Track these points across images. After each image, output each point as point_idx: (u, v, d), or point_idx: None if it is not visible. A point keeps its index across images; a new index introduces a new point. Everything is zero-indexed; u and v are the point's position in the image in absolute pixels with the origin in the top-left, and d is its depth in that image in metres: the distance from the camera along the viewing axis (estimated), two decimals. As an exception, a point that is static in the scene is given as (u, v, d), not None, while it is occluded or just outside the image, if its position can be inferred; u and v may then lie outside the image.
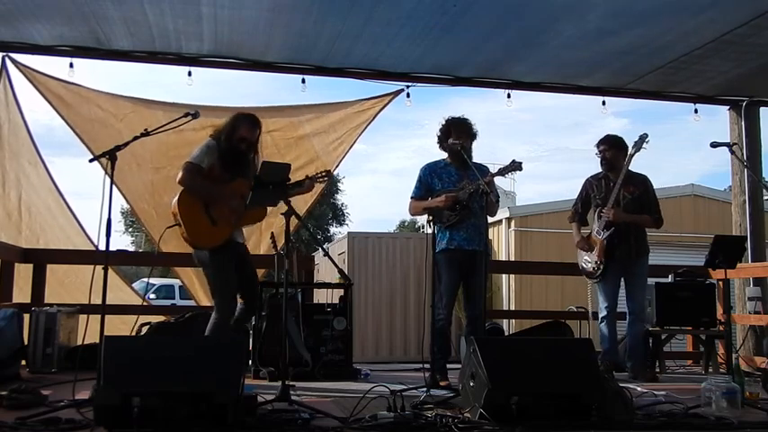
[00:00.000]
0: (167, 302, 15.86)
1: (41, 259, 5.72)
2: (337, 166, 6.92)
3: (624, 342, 5.52)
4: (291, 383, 3.78)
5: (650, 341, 5.68)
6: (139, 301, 6.65)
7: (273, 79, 49.77)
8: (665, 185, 13.62)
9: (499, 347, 3.50)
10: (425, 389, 3.82)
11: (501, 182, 9.65)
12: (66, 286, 6.22)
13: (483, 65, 6.17)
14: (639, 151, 5.13)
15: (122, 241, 27.15)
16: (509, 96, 6.51)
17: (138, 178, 6.39)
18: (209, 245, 4.18)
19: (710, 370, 5.77)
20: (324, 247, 15.40)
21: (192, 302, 6.93)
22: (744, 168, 6.81)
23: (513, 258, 13.03)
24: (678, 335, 6.26)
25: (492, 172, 4.61)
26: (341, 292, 5.32)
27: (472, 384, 3.24)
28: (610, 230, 5.09)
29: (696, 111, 6.91)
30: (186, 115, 3.96)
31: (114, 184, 3.60)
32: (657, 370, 5.61)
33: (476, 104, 50.62)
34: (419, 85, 6.40)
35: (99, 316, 3.50)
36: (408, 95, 6.36)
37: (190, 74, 5.91)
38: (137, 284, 9.79)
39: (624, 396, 3.24)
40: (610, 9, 5.03)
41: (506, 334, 8.94)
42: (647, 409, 3.43)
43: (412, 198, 4.81)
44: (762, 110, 7.09)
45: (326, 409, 3.28)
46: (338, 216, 28.61)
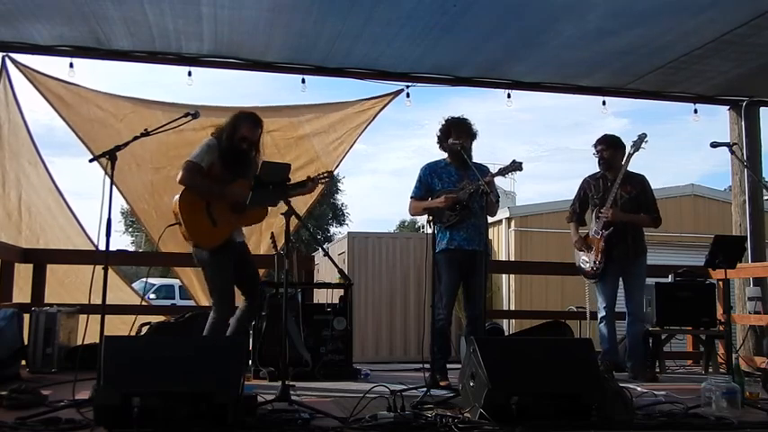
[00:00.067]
0: (167, 302, 15.86)
1: (41, 259, 5.72)
2: (337, 166, 6.92)
3: (624, 342, 5.53)
4: (291, 383, 3.78)
5: (650, 341, 5.68)
6: (139, 301, 6.65)
7: (273, 79, 49.83)
8: (665, 185, 13.65)
9: (499, 347, 3.50)
10: (425, 389, 3.81)
11: (501, 182, 9.61)
12: (67, 286, 6.22)
13: (483, 65, 6.17)
14: (638, 151, 5.13)
15: (122, 241, 27.19)
16: (509, 96, 6.51)
17: (138, 178, 6.39)
18: (209, 244, 4.17)
19: (710, 370, 5.76)
20: (324, 247, 15.40)
21: (192, 302, 6.94)
22: (744, 168, 6.81)
23: (513, 258, 13.03)
24: (678, 335, 6.26)
25: (492, 172, 4.61)
26: (341, 292, 5.32)
27: (472, 384, 3.23)
28: (608, 230, 5.09)
29: (696, 111, 6.92)
30: (186, 115, 3.96)
31: (114, 184, 3.60)
32: (657, 370, 5.60)
33: (476, 104, 50.68)
34: (419, 85, 6.40)
35: (99, 316, 3.50)
36: (408, 95, 6.37)
37: (190, 74, 5.91)
38: (137, 284, 9.78)
39: (624, 396, 3.24)
40: (610, 9, 5.04)
41: (506, 334, 8.94)
42: (647, 409, 3.43)
43: (412, 198, 4.81)
44: (762, 110, 7.10)
45: (326, 409, 3.28)
46: (338, 216, 28.62)
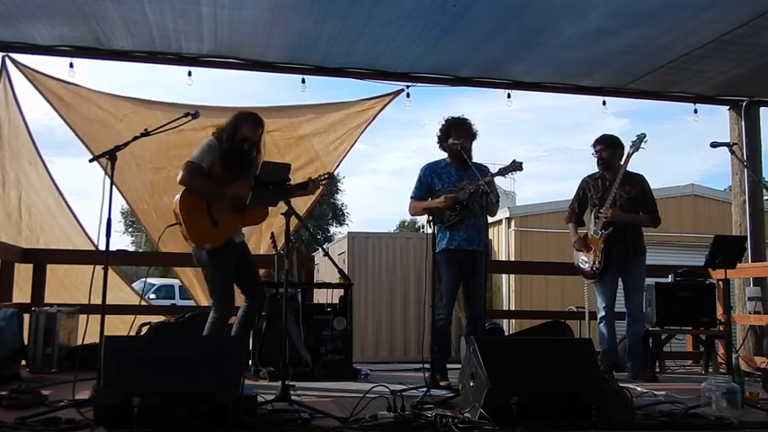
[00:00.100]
0: (167, 302, 15.86)
1: (41, 259, 5.72)
2: (337, 166, 6.92)
3: (624, 342, 5.52)
4: (291, 383, 3.78)
5: (650, 341, 5.68)
6: (138, 301, 6.64)
7: (273, 79, 49.78)
8: (665, 185, 13.66)
9: (499, 347, 3.50)
10: (425, 389, 3.81)
11: (501, 182, 9.62)
12: (67, 286, 6.22)
13: (483, 65, 6.17)
14: (638, 151, 5.13)
15: (122, 241, 27.18)
16: (509, 96, 6.51)
17: (138, 178, 6.39)
18: (209, 245, 4.17)
19: (710, 370, 5.76)
20: (324, 247, 15.40)
21: (192, 302, 6.94)
22: (744, 168, 6.81)
23: (513, 258, 13.03)
24: (678, 335, 6.26)
25: (492, 172, 4.61)
26: (341, 292, 5.32)
27: (472, 384, 3.23)
28: (608, 230, 5.09)
29: (696, 111, 6.92)
30: (186, 115, 3.95)
31: (114, 184, 3.60)
32: (657, 370, 5.60)
33: (476, 104, 50.66)
34: (419, 85, 6.40)
35: (99, 316, 3.50)
36: (408, 95, 6.36)
37: (190, 74, 5.91)
38: (136, 284, 9.78)
39: (624, 396, 3.24)
40: (610, 9, 5.04)
41: (506, 334, 8.94)
42: (647, 409, 3.43)
43: (412, 198, 4.81)
44: (762, 110, 7.10)
45: (326, 409, 3.28)
46: (338, 216, 28.61)
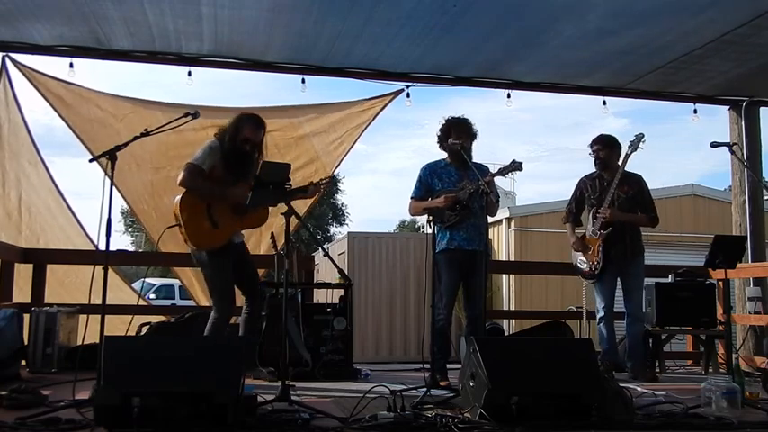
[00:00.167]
0: (167, 302, 15.85)
1: (41, 259, 5.72)
2: (337, 166, 6.92)
3: (624, 342, 5.52)
4: (291, 383, 3.78)
5: (650, 341, 5.68)
6: (140, 301, 6.64)
7: (273, 79, 49.80)
8: (665, 185, 13.66)
9: (499, 347, 3.50)
10: (425, 389, 3.81)
11: (501, 182, 9.63)
12: (67, 286, 6.22)
13: (483, 65, 6.16)
14: (636, 151, 5.13)
15: (122, 241, 27.19)
16: (509, 96, 6.51)
17: (138, 179, 6.39)
18: (208, 247, 4.17)
19: (710, 370, 5.76)
20: (324, 247, 15.40)
21: (192, 302, 6.94)
22: (744, 168, 6.81)
23: (513, 258, 13.03)
24: (678, 335, 6.25)
25: (492, 172, 4.61)
26: (341, 292, 5.31)
27: (472, 384, 3.23)
28: (606, 230, 5.08)
29: (696, 111, 6.91)
30: (186, 115, 3.95)
31: (114, 184, 3.59)
32: (657, 370, 5.60)
33: (476, 104, 50.69)
34: (419, 85, 6.39)
35: (99, 316, 3.50)
36: (408, 95, 6.36)
37: (190, 74, 5.91)
38: (136, 284, 9.77)
39: (624, 396, 3.24)
40: (610, 9, 5.04)
41: (506, 334, 8.94)
42: (647, 409, 3.43)
43: (412, 198, 4.81)
44: (762, 110, 7.09)
45: (326, 409, 3.28)
46: (338, 216, 28.61)
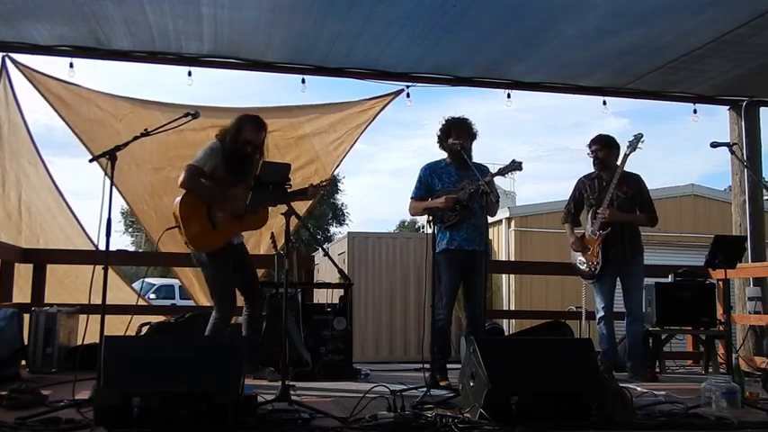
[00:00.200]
0: (167, 302, 15.85)
1: (41, 259, 5.72)
2: (337, 166, 6.92)
3: (624, 342, 5.52)
4: (291, 383, 3.78)
5: (650, 341, 5.68)
6: (139, 301, 6.64)
7: (273, 79, 49.79)
8: (665, 185, 13.65)
9: (499, 347, 3.50)
10: (425, 389, 3.81)
11: (501, 182, 9.66)
12: (67, 286, 6.22)
13: (483, 65, 6.16)
14: (635, 151, 5.13)
15: (122, 241, 27.17)
16: (509, 96, 6.50)
17: (138, 179, 6.39)
18: (207, 248, 4.16)
19: (710, 370, 5.76)
20: (324, 247, 15.40)
21: (192, 302, 6.93)
22: (744, 168, 6.81)
23: (513, 258, 13.03)
24: (678, 335, 6.25)
25: (492, 172, 4.61)
26: (341, 292, 5.32)
27: (472, 384, 3.23)
28: (606, 231, 5.08)
29: (695, 111, 6.91)
30: (186, 115, 3.95)
31: (114, 184, 3.59)
32: (657, 370, 5.60)
33: (476, 104, 50.68)
34: (419, 85, 6.39)
35: (99, 316, 3.50)
36: (408, 95, 6.36)
37: (190, 74, 5.90)
38: (136, 284, 9.78)
39: (624, 396, 3.24)
40: (610, 9, 5.03)
41: (506, 334, 8.94)
42: (647, 409, 3.43)
43: (412, 198, 4.81)
44: (762, 110, 7.09)
45: (326, 409, 3.28)
46: (338, 216, 28.60)
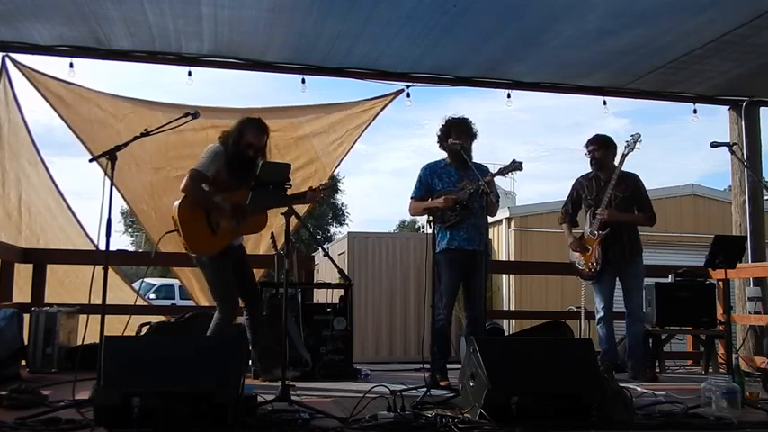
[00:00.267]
0: (167, 302, 15.85)
1: (41, 259, 5.72)
2: (337, 166, 6.92)
3: (624, 342, 5.52)
4: (291, 383, 3.78)
5: (650, 341, 5.68)
6: (139, 301, 6.64)
7: (273, 79, 49.76)
8: (664, 185, 13.63)
9: (499, 347, 3.50)
10: (425, 389, 3.81)
11: (501, 182, 9.63)
12: (67, 286, 6.22)
13: (483, 65, 6.16)
14: (633, 151, 5.14)
15: (122, 241, 27.16)
16: (509, 96, 6.50)
17: (137, 179, 6.39)
18: (207, 252, 4.17)
19: (710, 370, 5.76)
20: (324, 247, 15.40)
21: (192, 302, 6.93)
22: (744, 168, 6.81)
23: (513, 258, 13.03)
24: (678, 335, 6.25)
25: (492, 172, 4.61)
26: (341, 292, 5.32)
27: (472, 384, 3.23)
28: (605, 231, 5.08)
29: (695, 111, 6.91)
30: (186, 115, 3.95)
31: (114, 184, 3.59)
32: (657, 370, 5.60)
33: (476, 104, 50.65)
34: (419, 85, 6.39)
35: (99, 316, 3.50)
36: (408, 95, 6.36)
37: (190, 74, 5.90)
38: (136, 284, 9.78)
39: (624, 396, 3.24)
40: (610, 9, 5.04)
41: (506, 334, 8.94)
42: (647, 409, 3.43)
43: (412, 198, 4.81)
44: (762, 110, 7.09)
45: (326, 409, 3.28)
46: (338, 216, 28.60)
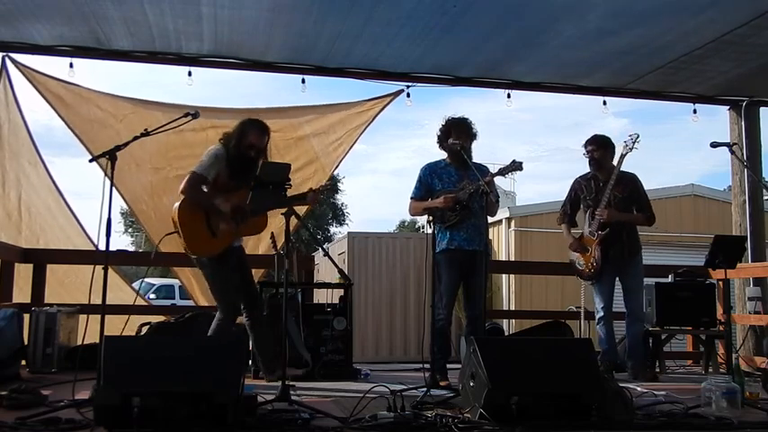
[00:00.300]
0: (167, 302, 15.85)
1: (41, 259, 5.72)
2: (336, 166, 6.93)
3: (624, 342, 5.52)
4: (291, 383, 3.79)
5: (650, 341, 5.68)
6: (139, 301, 6.64)
7: (273, 79, 49.77)
8: (664, 185, 13.64)
9: (499, 347, 3.50)
10: (425, 389, 3.81)
11: (501, 182, 9.65)
12: (66, 286, 6.22)
13: (483, 65, 6.16)
14: (631, 151, 5.14)
15: (122, 241, 27.18)
16: (509, 96, 6.51)
17: (137, 179, 6.39)
18: (206, 254, 4.16)
19: (710, 370, 5.77)
20: (324, 247, 15.40)
21: (192, 302, 6.93)
22: (744, 168, 6.81)
23: (513, 258, 13.02)
24: (678, 335, 6.26)
25: (492, 172, 4.61)
26: (341, 292, 5.32)
27: (472, 384, 3.24)
28: (604, 231, 5.09)
29: (695, 111, 6.92)
30: (186, 115, 3.94)
31: (113, 184, 3.59)
32: (657, 370, 5.60)
33: (476, 104, 50.68)
34: (419, 85, 6.39)
35: (99, 316, 3.50)
36: (408, 95, 6.36)
37: (190, 74, 5.90)
38: (136, 284, 9.79)
39: (624, 396, 3.24)
40: (610, 9, 5.04)
41: (506, 334, 8.94)
42: (647, 409, 3.44)
43: (412, 198, 4.81)
44: (762, 110, 7.10)
45: (326, 409, 3.28)
46: (338, 216, 28.61)
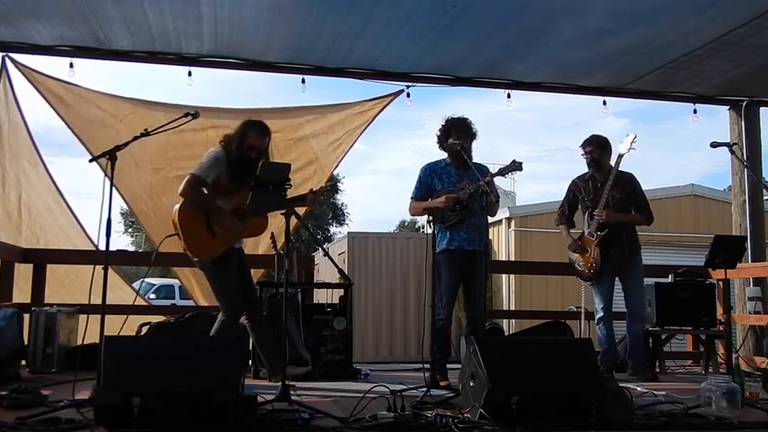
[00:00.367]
0: (167, 302, 15.85)
1: (41, 259, 5.72)
2: (336, 167, 6.94)
3: (624, 342, 5.53)
4: (291, 383, 3.79)
5: (650, 341, 5.68)
6: (138, 301, 6.64)
7: (273, 79, 49.78)
8: (664, 185, 13.64)
9: (499, 347, 3.50)
10: (425, 389, 3.81)
11: (501, 182, 9.64)
12: (67, 286, 6.22)
13: (483, 65, 6.17)
14: (629, 152, 5.14)
15: (122, 241, 27.18)
16: (509, 96, 6.51)
17: (137, 179, 6.39)
18: (207, 256, 4.16)
19: (710, 370, 5.77)
20: (324, 247, 15.40)
21: (192, 302, 6.93)
22: (744, 168, 6.82)
23: (513, 258, 13.02)
24: (678, 335, 6.26)
25: (492, 172, 4.61)
26: (341, 292, 5.32)
27: (472, 384, 3.24)
28: (603, 232, 5.09)
29: (695, 111, 6.92)
30: (186, 115, 3.94)
31: (113, 184, 3.59)
32: (657, 370, 5.60)
33: (476, 104, 50.71)
34: (419, 85, 6.39)
35: (99, 316, 3.50)
36: (408, 95, 6.36)
37: (190, 74, 5.91)
38: (136, 284, 9.79)
39: (624, 396, 3.24)
40: (610, 9, 5.04)
41: (506, 334, 8.94)
42: (647, 409, 3.44)
43: (412, 198, 4.81)
44: (762, 110, 7.10)
45: (326, 409, 3.28)
46: (338, 216, 28.61)
